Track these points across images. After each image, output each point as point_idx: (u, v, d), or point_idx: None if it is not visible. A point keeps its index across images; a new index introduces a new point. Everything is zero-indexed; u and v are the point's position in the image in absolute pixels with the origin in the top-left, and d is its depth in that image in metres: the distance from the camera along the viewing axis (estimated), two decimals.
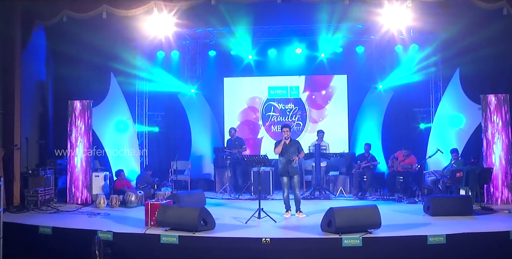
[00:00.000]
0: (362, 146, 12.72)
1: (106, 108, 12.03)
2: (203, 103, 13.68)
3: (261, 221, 8.69)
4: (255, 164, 8.94)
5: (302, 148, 9.24)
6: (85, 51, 11.79)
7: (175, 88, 13.46)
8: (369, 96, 13.19)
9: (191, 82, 13.52)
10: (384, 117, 13.10)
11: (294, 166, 9.08)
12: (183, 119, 13.63)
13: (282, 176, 9.16)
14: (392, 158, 11.49)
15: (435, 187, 10.67)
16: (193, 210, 7.81)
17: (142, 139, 13.34)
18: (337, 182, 12.31)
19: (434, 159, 11.22)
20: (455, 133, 11.47)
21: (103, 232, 7.79)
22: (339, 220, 7.41)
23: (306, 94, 13.46)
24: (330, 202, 10.94)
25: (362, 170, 11.64)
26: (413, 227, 7.99)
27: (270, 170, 11.81)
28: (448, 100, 11.64)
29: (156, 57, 13.32)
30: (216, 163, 12.68)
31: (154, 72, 13.18)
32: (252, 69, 13.42)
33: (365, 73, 13.06)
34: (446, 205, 8.85)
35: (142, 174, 11.51)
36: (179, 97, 13.58)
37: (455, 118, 11.52)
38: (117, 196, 10.36)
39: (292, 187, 9.20)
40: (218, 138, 13.63)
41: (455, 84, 11.51)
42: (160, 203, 8.21)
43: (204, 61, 13.58)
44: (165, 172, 12.64)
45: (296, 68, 13.39)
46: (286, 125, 9.20)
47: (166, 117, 13.66)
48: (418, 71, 12.48)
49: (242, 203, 10.88)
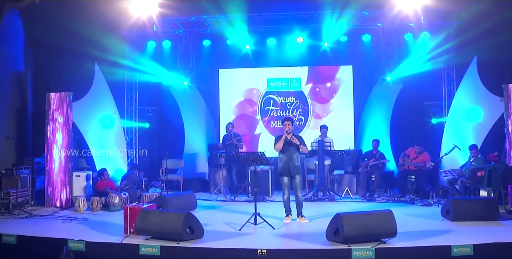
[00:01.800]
0: (369, 142, 11.59)
1: (90, 101, 10.91)
2: (197, 97, 12.48)
3: (257, 227, 7.47)
4: (251, 163, 7.71)
5: (305, 144, 8.02)
6: (67, 39, 10.64)
7: (167, 81, 12.31)
8: (377, 89, 12.00)
9: (184, 74, 12.34)
10: (392, 111, 11.94)
11: (296, 164, 7.87)
12: (176, 114, 12.45)
13: (282, 176, 7.95)
14: (403, 155, 10.28)
15: (452, 187, 9.44)
16: (176, 216, 6.60)
17: (131, 136, 12.22)
18: (342, 182, 11.11)
19: (449, 157, 9.95)
20: (472, 128, 10.23)
21: (74, 241, 6.60)
22: (348, 228, 6.19)
23: (308, 87, 12.25)
24: (335, 204, 9.75)
25: (370, 168, 10.43)
26: (432, 235, 6.77)
27: (269, 169, 10.63)
28: (464, 91, 10.41)
29: (146, 47, 12.17)
30: (210, 162, 11.49)
31: (144, 64, 12.04)
32: (249, 59, 12.22)
33: (372, 63, 11.89)
34: (469, 209, 7.63)
35: (128, 173, 10.29)
36: (171, 91, 12.42)
37: (472, 111, 10.27)
38: (98, 199, 9.16)
39: (294, 188, 8.00)
40: (213, 134, 12.45)
41: (472, 74, 10.27)
42: (140, 208, 6.97)
43: (198, 51, 12.40)
44: (157, 171, 11.61)
45: (298, 59, 12.19)
46: (288, 118, 7.97)
47: (157, 112, 12.50)
48: (430, 61, 11.30)
49: (237, 206, 9.68)
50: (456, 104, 10.49)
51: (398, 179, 10.24)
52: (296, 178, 7.92)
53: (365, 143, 11.95)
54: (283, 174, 7.93)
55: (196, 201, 9.20)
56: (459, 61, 10.90)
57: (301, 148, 7.86)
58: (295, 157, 7.88)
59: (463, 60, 10.70)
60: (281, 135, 7.91)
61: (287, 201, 8.05)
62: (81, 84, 10.87)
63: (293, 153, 7.86)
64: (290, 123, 7.88)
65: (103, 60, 11.07)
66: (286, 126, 7.84)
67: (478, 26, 10.04)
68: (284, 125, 7.88)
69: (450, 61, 11.28)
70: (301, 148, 7.87)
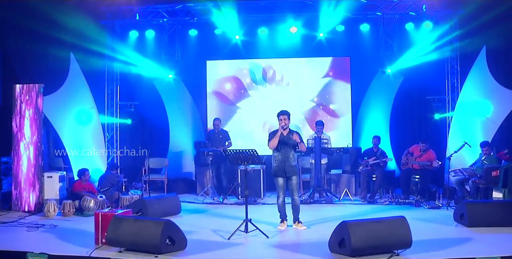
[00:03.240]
0: (367, 139, 10.73)
1: (65, 95, 9.82)
2: (182, 91, 11.38)
3: (248, 236, 6.45)
4: (241, 162, 6.66)
5: (302, 140, 7.01)
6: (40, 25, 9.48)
7: (150, 74, 11.17)
8: (376, 82, 11.00)
9: (169, 67, 11.23)
10: (392, 106, 10.95)
11: (292, 164, 6.85)
12: (160, 110, 11.33)
13: (277, 176, 6.93)
14: (406, 153, 9.31)
15: (461, 188, 8.47)
16: (154, 225, 5.54)
17: (112, 133, 11.13)
18: (340, 182, 10.13)
19: (456, 154, 9.02)
20: (480, 123, 9.27)
21: (35, 255, 5.54)
22: (355, 238, 5.18)
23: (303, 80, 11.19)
24: (334, 207, 8.77)
25: (370, 168, 9.45)
26: (450, 245, 5.82)
27: (261, 168, 9.60)
28: (472, 84, 9.45)
29: (128, 38, 11.06)
30: (197, 161, 10.42)
31: (126, 55, 10.94)
32: (239, 51, 11.15)
33: (370, 55, 10.88)
34: (486, 213, 6.69)
35: (106, 174, 9.18)
36: (155, 84, 11.30)
37: (481, 105, 9.30)
38: (71, 202, 8.07)
39: (290, 190, 6.98)
40: (200, 131, 11.38)
41: (481, 65, 9.31)
42: (113, 214, 5.90)
43: (184, 42, 11.30)
44: (139, 171, 10.57)
45: (291, 50, 11.12)
46: (284, 112, 6.92)
47: (140, 107, 11.35)
48: (433, 52, 10.33)
49: (226, 209, 8.66)
50: (464, 98, 9.54)
51: (401, 179, 9.25)
52: (293, 180, 6.90)
53: (363, 140, 10.99)
54: (278, 174, 6.91)
55: (180, 205, 8.15)
56: (464, 52, 9.95)
57: (300, 146, 6.85)
58: (292, 156, 6.87)
59: (469, 51, 9.77)
60: (276, 131, 6.89)
61: (282, 205, 7.03)
62: (55, 75, 9.79)
63: (289, 151, 6.85)
64: (286, 117, 6.85)
65: (79, 50, 10.00)
66: (282, 121, 6.82)
67: (486, 14, 9.14)
68: (279, 120, 6.86)
69: (454, 52, 10.34)
70: (300, 146, 6.85)
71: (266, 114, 10.95)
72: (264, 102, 11.13)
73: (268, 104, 11.01)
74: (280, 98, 11.02)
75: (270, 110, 10.21)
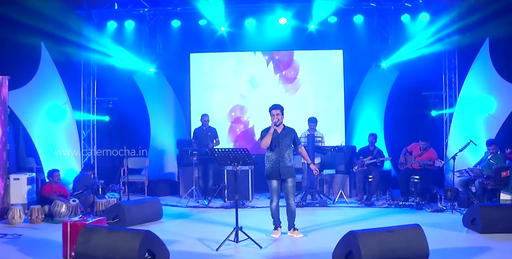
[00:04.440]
0: (360, 137, 10.12)
1: (35, 89, 8.85)
2: (164, 85, 10.53)
3: (239, 246, 5.64)
4: (230, 162, 5.84)
5: (299, 140, 6.23)
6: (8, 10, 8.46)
7: (130, 67, 10.26)
8: (369, 77, 10.32)
9: (149, 60, 10.35)
10: (387, 102, 10.29)
11: (288, 165, 6.07)
12: (140, 106, 10.44)
13: (270, 179, 6.13)
14: (405, 152, 8.61)
15: (466, 189, 7.77)
16: (132, 237, 4.69)
17: (88, 131, 10.24)
18: (334, 183, 9.40)
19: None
20: (483, 120, 8.60)
21: None
22: (366, 251, 4.42)
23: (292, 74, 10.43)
24: (329, 210, 8.02)
25: (366, 167, 8.72)
26: (469, 255, 5.12)
27: (249, 169, 8.80)
28: (474, 78, 8.76)
29: (106, 29, 10.14)
30: (180, 160, 9.55)
31: (104, 48, 10.03)
32: (225, 43, 10.33)
33: (364, 48, 10.11)
34: (502, 219, 5.98)
35: (80, 175, 8.26)
36: (134, 78, 10.42)
37: (484, 101, 8.62)
38: (39, 207, 7.16)
39: (284, 194, 6.22)
40: (183, 128, 10.53)
41: (483, 59, 8.63)
42: (84, 223, 5.03)
43: (166, 33, 10.40)
44: (117, 172, 9.70)
45: (280, 42, 10.31)
46: (276, 106, 6.13)
47: (118, 103, 10.44)
48: (429, 46, 9.64)
49: (212, 213, 7.85)
50: (465, 93, 8.85)
51: (400, 180, 8.53)
52: (288, 182, 6.12)
53: (356, 138, 10.30)
54: (272, 176, 6.12)
55: (161, 209, 7.29)
56: (464, 45, 9.26)
57: (302, 152, 6.14)
58: (287, 156, 6.09)
59: (469, 44, 9.08)
60: (269, 128, 6.10)
61: (276, 210, 6.25)
62: (24, 67, 8.82)
63: (283, 150, 6.06)
64: (279, 112, 6.06)
65: (52, 39, 9.03)
66: (274, 117, 6.04)
67: (490, 4, 8.46)
68: (271, 115, 6.07)
69: (452, 45, 9.67)
70: (302, 153, 6.14)
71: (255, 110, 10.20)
72: (252, 98, 10.33)
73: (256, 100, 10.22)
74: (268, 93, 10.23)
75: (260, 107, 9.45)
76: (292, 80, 10.36)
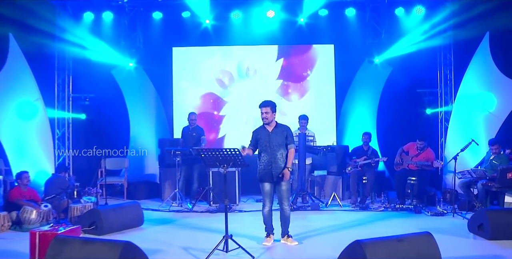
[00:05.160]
0: (351, 136, 9.82)
1: (2, 84, 8.28)
2: (145, 81, 10.01)
3: (229, 256, 5.13)
4: (220, 164, 5.32)
5: (293, 140, 5.74)
6: None
7: (108, 62, 9.74)
8: (362, 73, 9.98)
9: (129, 54, 9.85)
10: (380, 99, 9.99)
11: (281, 166, 5.57)
12: (119, 103, 9.92)
13: (262, 181, 5.65)
14: (401, 152, 8.20)
15: (467, 191, 7.37)
16: (110, 249, 4.14)
17: (63, 130, 9.65)
18: (325, 185, 8.99)
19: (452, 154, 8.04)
20: (482, 119, 8.23)
21: None
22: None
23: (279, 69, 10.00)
24: (321, 214, 7.58)
25: (360, 168, 8.29)
26: None
27: (236, 170, 8.29)
28: (473, 75, 8.38)
29: (82, 20, 9.53)
30: (161, 161, 9.02)
31: (80, 41, 9.44)
32: (210, 36, 9.86)
33: (356, 43, 9.77)
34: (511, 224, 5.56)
35: (53, 177, 7.65)
36: (113, 74, 9.90)
37: (483, 99, 8.25)
38: (5, 214, 6.53)
39: (278, 198, 5.74)
40: (165, 127, 10.02)
41: (483, 54, 8.25)
42: (55, 234, 4.46)
43: (147, 26, 9.87)
44: (94, 173, 9.02)
45: (268, 36, 9.86)
46: (267, 103, 5.65)
47: (96, 100, 9.84)
48: (425, 41, 9.29)
49: (197, 218, 7.33)
50: (464, 90, 8.46)
51: (396, 181, 8.12)
52: (282, 185, 5.64)
53: (347, 138, 9.92)
54: (264, 179, 5.64)
55: (142, 215, 6.73)
56: (462, 39, 8.85)
57: (290, 155, 5.63)
58: (280, 157, 5.61)
59: (467, 39, 8.66)
60: (259, 128, 5.65)
61: (269, 215, 5.76)
62: None
63: (275, 150, 5.59)
64: (269, 110, 5.58)
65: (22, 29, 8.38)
66: (263, 115, 5.57)
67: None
68: (261, 113, 5.59)
69: (448, 40, 9.31)
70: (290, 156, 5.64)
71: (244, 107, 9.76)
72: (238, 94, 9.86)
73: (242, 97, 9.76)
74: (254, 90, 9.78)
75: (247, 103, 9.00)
76: (281, 77, 9.88)
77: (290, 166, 5.60)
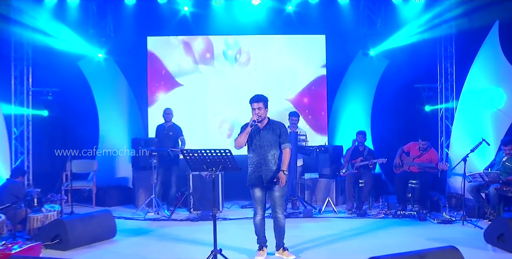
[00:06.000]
0: (343, 136, 9.41)
1: None
2: (116, 74, 9.42)
3: None
4: (207, 167, 4.76)
5: (288, 138, 5.21)
6: None
7: (74, 51, 9.07)
8: (355, 66, 9.63)
9: (98, 43, 9.24)
10: (375, 95, 9.67)
11: (273, 169, 5.07)
12: (86, 98, 9.32)
13: (253, 187, 5.13)
14: (401, 153, 7.78)
15: (477, 196, 6.97)
16: None
17: (22, 128, 9.02)
18: (317, 189, 8.57)
19: (457, 155, 7.75)
20: (490, 116, 7.85)
21: None
22: None
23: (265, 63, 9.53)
24: (316, 222, 7.13)
25: (356, 171, 7.85)
26: None
27: (219, 173, 7.73)
28: (480, 68, 7.97)
29: (44, 5, 8.86)
30: (135, 163, 8.43)
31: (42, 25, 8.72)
32: (189, 25, 9.33)
33: (350, 33, 9.42)
34: None
35: (7, 183, 6.93)
36: (79, 65, 9.27)
37: (492, 94, 7.86)
38: None
39: (271, 206, 5.21)
40: (138, 125, 9.44)
41: (492, 45, 7.82)
42: (8, 254, 3.84)
43: (118, 12, 9.24)
44: (58, 178, 8.38)
45: (253, 25, 9.37)
46: (259, 98, 5.12)
47: (60, 94, 9.19)
48: (424, 32, 8.92)
49: (177, 228, 6.78)
50: (470, 85, 8.06)
51: (397, 185, 7.69)
52: (274, 191, 5.12)
53: (338, 137, 9.54)
54: (254, 184, 5.11)
55: (114, 225, 6.12)
56: (466, 29, 8.48)
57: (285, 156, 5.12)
58: (271, 158, 5.09)
59: (473, 28, 8.26)
60: (248, 124, 5.07)
61: (261, 225, 5.25)
62: None
63: (267, 151, 5.07)
64: (261, 105, 5.05)
65: None
66: (254, 111, 5.04)
67: None
68: (253, 109, 5.06)
69: (449, 30, 8.95)
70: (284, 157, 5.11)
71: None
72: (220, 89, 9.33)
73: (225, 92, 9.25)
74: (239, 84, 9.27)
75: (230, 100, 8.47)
76: (266, 69, 9.39)
77: (286, 169, 5.08)
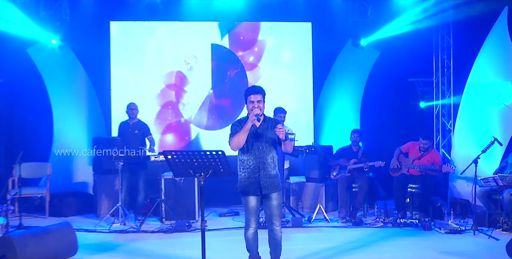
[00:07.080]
0: (329, 134, 9.12)
1: None
2: (73, 63, 8.77)
3: None
4: (194, 172, 4.16)
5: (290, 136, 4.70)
6: None
7: (23, 36, 8.38)
8: (343, 57, 9.31)
9: (52, 28, 8.58)
10: (364, 89, 9.39)
11: (271, 174, 4.54)
12: (38, 91, 8.68)
13: (246, 195, 4.57)
14: (399, 154, 7.41)
15: (488, 202, 6.59)
16: None
17: None
18: (304, 194, 8.17)
19: (461, 157, 7.53)
20: (497, 113, 7.53)
21: None
22: None
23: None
24: (307, 232, 6.70)
25: (349, 174, 7.42)
26: None
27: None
28: (486, 59, 7.64)
29: None
30: (97, 166, 7.79)
31: None
32: (158, 9, 8.84)
33: (338, 21, 9.14)
34: None
35: None
36: (29, 53, 8.60)
37: (499, 89, 7.54)
38: None
39: (266, 216, 4.71)
40: (99, 122, 8.84)
41: (499, 35, 7.45)
42: None
43: None
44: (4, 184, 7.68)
45: (231, 11, 8.92)
46: (256, 89, 4.57)
47: (5, 86, 8.62)
48: (419, 20, 8.63)
49: (148, 241, 6.17)
50: (474, 79, 7.69)
51: (395, 190, 7.26)
52: (272, 199, 4.58)
53: (324, 136, 9.21)
54: (248, 192, 4.55)
55: (75, 241, 5.43)
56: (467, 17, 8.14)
57: (286, 145, 4.54)
58: (271, 161, 4.56)
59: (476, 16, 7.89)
60: (242, 120, 4.53)
61: (254, 239, 4.73)
62: None
63: (266, 152, 4.53)
64: (260, 98, 4.50)
65: None
66: (253, 105, 4.47)
67: None
68: (249, 103, 4.51)
69: (446, 19, 8.69)
70: (285, 146, 4.54)
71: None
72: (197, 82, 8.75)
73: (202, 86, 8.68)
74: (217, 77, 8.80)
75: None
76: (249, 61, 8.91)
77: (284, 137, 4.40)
